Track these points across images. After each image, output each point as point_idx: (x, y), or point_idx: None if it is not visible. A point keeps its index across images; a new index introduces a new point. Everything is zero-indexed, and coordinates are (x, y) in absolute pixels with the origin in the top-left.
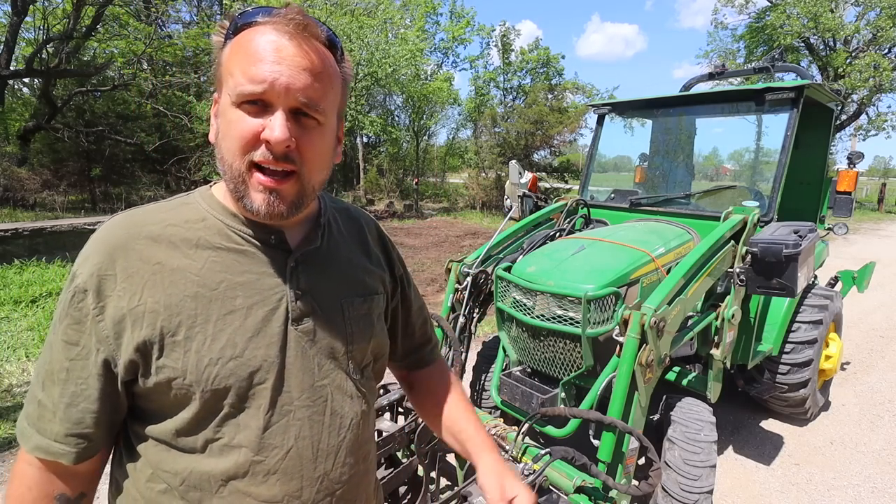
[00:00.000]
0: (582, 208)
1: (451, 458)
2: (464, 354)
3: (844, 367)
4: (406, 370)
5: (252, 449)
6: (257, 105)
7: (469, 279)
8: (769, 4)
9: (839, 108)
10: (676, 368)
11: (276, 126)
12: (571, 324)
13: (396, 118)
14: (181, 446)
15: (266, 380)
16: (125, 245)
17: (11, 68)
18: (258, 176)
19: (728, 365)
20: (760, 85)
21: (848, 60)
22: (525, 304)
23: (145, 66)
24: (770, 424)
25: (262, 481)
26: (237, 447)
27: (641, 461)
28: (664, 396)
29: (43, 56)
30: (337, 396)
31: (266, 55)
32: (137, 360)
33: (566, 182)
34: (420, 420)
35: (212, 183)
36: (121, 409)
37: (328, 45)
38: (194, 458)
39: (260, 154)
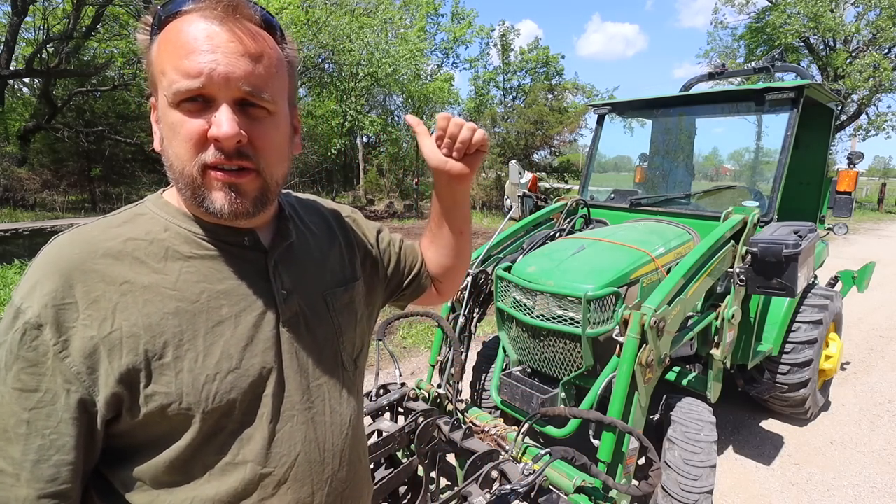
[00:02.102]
0: (582, 208)
1: (451, 457)
2: (464, 354)
3: (844, 367)
4: (429, 285)
5: (258, 462)
6: (198, 102)
7: (469, 279)
8: (769, 4)
9: (839, 108)
10: (676, 368)
11: (222, 121)
12: (571, 324)
13: (396, 118)
14: (178, 477)
15: (267, 387)
16: (82, 266)
17: (11, 68)
18: (213, 173)
19: (728, 365)
20: (760, 85)
21: (848, 60)
22: (525, 304)
23: (145, 66)
24: (770, 424)
25: (272, 493)
26: (242, 463)
27: (641, 461)
28: (664, 396)
29: (43, 56)
30: (334, 394)
31: (198, 45)
32: (122, 392)
33: (566, 182)
34: (420, 420)
35: (161, 190)
36: (96, 454)
37: (265, 25)
38: (193, 485)
39: (211, 155)
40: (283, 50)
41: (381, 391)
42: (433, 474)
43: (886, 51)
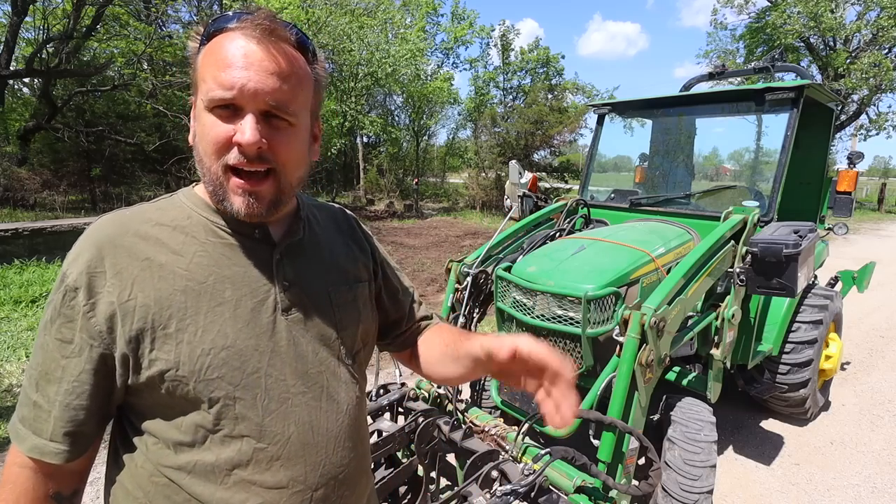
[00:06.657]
0: (582, 208)
1: (451, 457)
2: None
3: (844, 367)
4: (408, 348)
5: (254, 437)
6: (229, 109)
7: (469, 279)
8: (769, 4)
9: (839, 108)
10: (676, 368)
11: (246, 129)
12: (571, 324)
13: (396, 118)
14: (182, 441)
15: (259, 369)
16: (113, 242)
17: (11, 68)
18: (235, 180)
19: (728, 365)
20: (760, 85)
21: (848, 60)
22: (525, 304)
23: (145, 66)
24: (770, 424)
25: (266, 468)
26: (239, 437)
27: (641, 461)
28: (664, 396)
29: (43, 56)
30: (332, 382)
31: (234, 61)
32: (129, 353)
33: (566, 182)
34: (420, 420)
35: (194, 183)
36: (114, 403)
37: (298, 46)
38: (196, 451)
39: (234, 157)
40: (313, 69)
41: (381, 391)
42: (433, 474)
43: (887, 50)
